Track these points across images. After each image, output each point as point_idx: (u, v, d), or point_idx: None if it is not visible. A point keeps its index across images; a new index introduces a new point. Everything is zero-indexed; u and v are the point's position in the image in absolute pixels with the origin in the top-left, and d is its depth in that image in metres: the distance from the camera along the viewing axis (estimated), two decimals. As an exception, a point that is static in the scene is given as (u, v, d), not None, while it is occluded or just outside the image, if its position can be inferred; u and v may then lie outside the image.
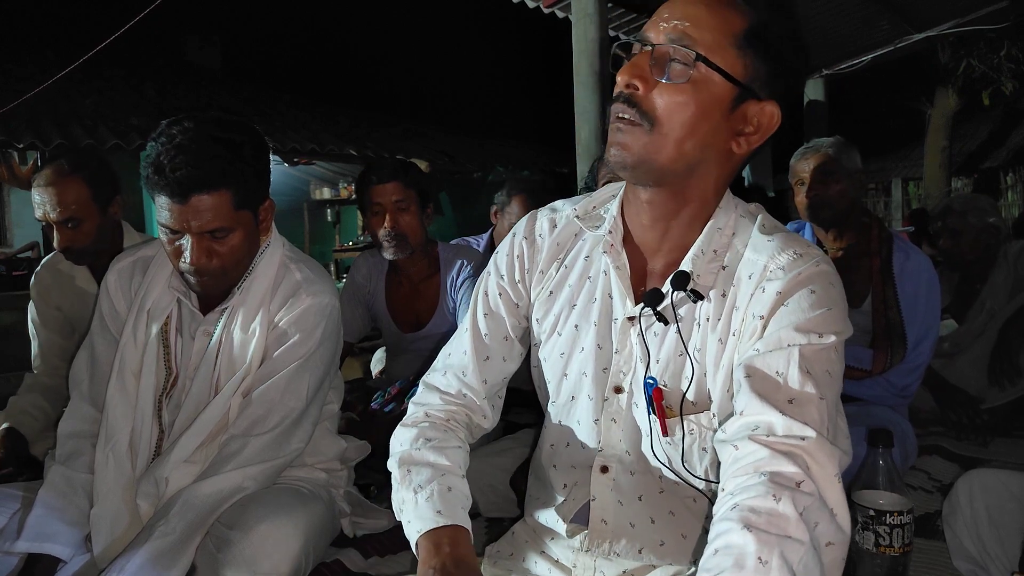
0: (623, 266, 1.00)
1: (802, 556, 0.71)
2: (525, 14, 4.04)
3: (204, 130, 1.26)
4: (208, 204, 1.26)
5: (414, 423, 1.08)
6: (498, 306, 1.11)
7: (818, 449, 0.78)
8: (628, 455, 1.02)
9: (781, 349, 0.85)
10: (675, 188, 0.95)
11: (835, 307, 0.89)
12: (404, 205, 2.20)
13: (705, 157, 0.92)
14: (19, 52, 8.53)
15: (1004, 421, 2.31)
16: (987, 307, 2.56)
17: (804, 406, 0.81)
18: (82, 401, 1.43)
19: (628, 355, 1.00)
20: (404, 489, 0.99)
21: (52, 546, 1.24)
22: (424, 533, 0.93)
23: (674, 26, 0.88)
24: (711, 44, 0.87)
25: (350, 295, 2.41)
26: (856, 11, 4.20)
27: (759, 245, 0.95)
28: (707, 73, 0.87)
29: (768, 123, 0.92)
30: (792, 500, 0.74)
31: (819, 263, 0.91)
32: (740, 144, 0.93)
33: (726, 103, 0.89)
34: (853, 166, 2.06)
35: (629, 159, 0.90)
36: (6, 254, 7.26)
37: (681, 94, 0.87)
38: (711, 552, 0.74)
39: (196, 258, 1.29)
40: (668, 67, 0.88)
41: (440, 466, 1.00)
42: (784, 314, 0.88)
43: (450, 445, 1.04)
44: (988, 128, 12.28)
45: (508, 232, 1.14)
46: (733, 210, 0.99)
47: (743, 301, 0.93)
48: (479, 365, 1.09)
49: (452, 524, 0.94)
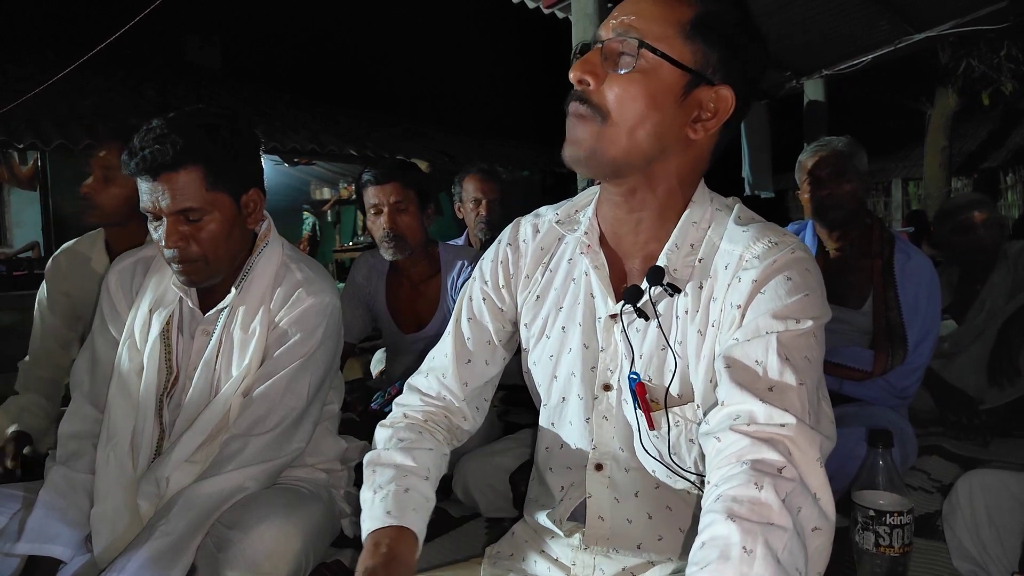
0: (602, 265, 1.02)
1: (786, 542, 0.71)
2: (525, 14, 4.04)
3: (181, 116, 1.30)
4: (177, 181, 1.27)
5: (391, 423, 1.10)
6: (482, 312, 1.13)
7: (799, 435, 0.79)
8: (622, 452, 1.02)
9: (759, 337, 0.86)
10: (638, 179, 0.96)
11: (812, 292, 0.90)
12: (403, 206, 2.20)
13: (662, 145, 0.93)
14: (19, 52, 8.53)
15: (1004, 421, 2.31)
16: (987, 307, 2.56)
17: (784, 393, 0.82)
18: (83, 401, 1.42)
19: (613, 352, 1.01)
20: (366, 489, 1.01)
21: (53, 547, 1.24)
22: (369, 533, 0.94)
23: (621, 21, 0.91)
24: (658, 34, 0.89)
25: (350, 295, 2.41)
26: (856, 11, 4.20)
27: (735, 236, 0.96)
28: (654, 61, 0.89)
29: (723, 107, 0.93)
30: (774, 487, 0.74)
31: (794, 250, 0.92)
32: (697, 130, 0.94)
33: (677, 90, 0.90)
34: (863, 167, 2.07)
35: (582, 153, 0.92)
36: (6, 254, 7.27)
37: (630, 84, 0.89)
38: (698, 545, 0.74)
39: (170, 240, 1.29)
40: (618, 60, 0.90)
41: (404, 467, 1.01)
42: (761, 302, 0.89)
43: (421, 447, 1.05)
44: (988, 128, 12.29)
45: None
46: (708, 203, 1.00)
47: (720, 292, 0.94)
48: (460, 368, 1.11)
49: (396, 525, 0.94)
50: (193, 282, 1.36)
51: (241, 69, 11.81)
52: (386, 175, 2.20)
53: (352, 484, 1.65)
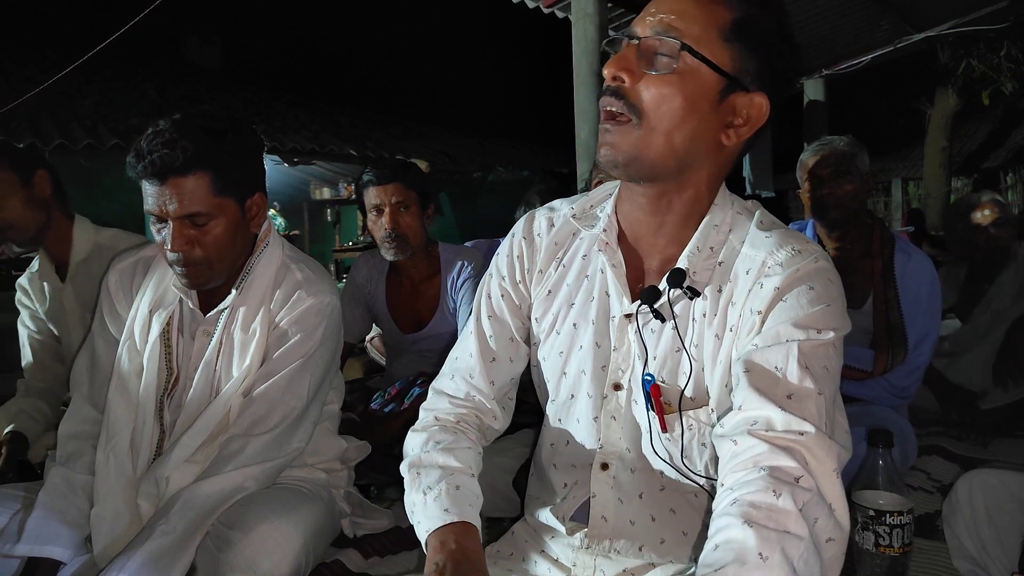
0: (619, 264, 1.01)
1: (802, 552, 0.72)
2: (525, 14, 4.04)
3: (188, 119, 1.30)
4: (185, 186, 1.27)
5: (424, 428, 1.08)
6: (501, 308, 1.12)
7: (817, 444, 0.79)
8: (628, 452, 1.02)
9: (780, 344, 0.86)
10: (668, 183, 0.95)
11: (833, 303, 0.90)
12: (404, 206, 2.20)
13: (695, 150, 0.92)
14: (19, 52, 8.53)
15: (1004, 421, 2.31)
16: (993, 307, 2.56)
17: (803, 401, 0.82)
18: (83, 402, 1.42)
19: (626, 352, 1.01)
20: (414, 492, 0.99)
21: (52, 548, 1.24)
22: (432, 532, 0.94)
23: (660, 19, 0.89)
24: (697, 36, 0.88)
25: (350, 296, 2.41)
26: (856, 11, 4.20)
27: (757, 241, 0.95)
28: (693, 64, 0.88)
29: (757, 115, 0.92)
30: (792, 495, 0.74)
31: (817, 259, 0.92)
32: (730, 136, 0.93)
33: (714, 94, 0.89)
34: (864, 167, 2.06)
35: (620, 157, 0.91)
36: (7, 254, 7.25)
37: (668, 85, 0.88)
38: (711, 547, 0.74)
39: (176, 244, 1.29)
40: (655, 59, 0.88)
41: (448, 467, 1.01)
42: (782, 310, 0.89)
43: (460, 446, 1.04)
44: (988, 128, 12.30)
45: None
46: (729, 207, 1.00)
47: (740, 297, 0.93)
48: (486, 367, 1.10)
49: (459, 521, 0.94)
50: (195, 285, 1.36)
51: (241, 69, 11.81)
52: (388, 175, 2.19)
53: (352, 484, 1.65)
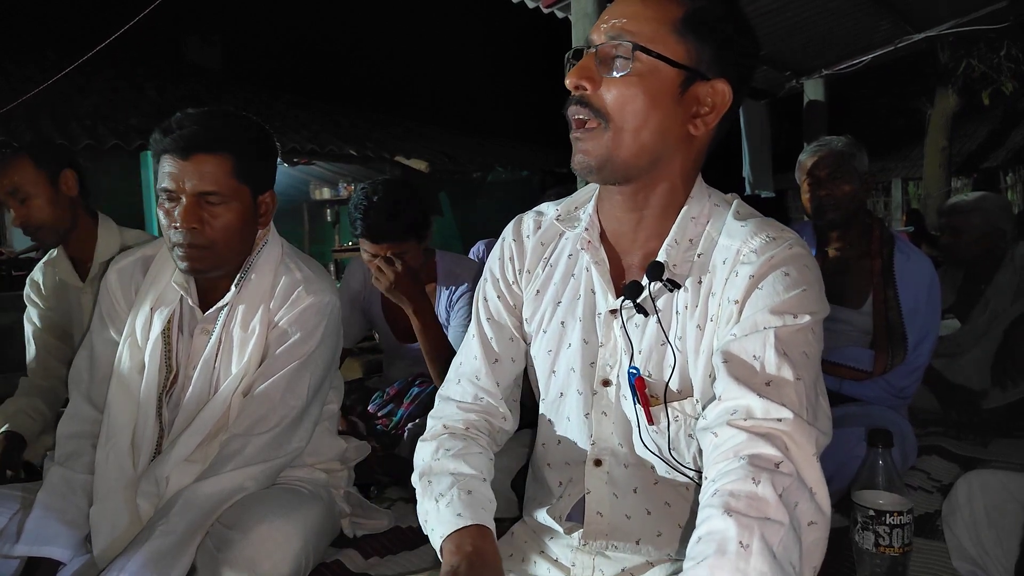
0: (602, 261, 1.03)
1: (782, 537, 0.72)
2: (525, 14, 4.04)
3: (217, 110, 1.36)
4: (208, 164, 1.30)
5: (433, 436, 1.09)
6: (499, 310, 1.13)
7: (796, 430, 0.79)
8: (621, 447, 1.03)
9: (757, 332, 0.86)
10: (642, 179, 0.97)
11: (810, 288, 0.90)
12: (401, 256, 1.99)
13: (665, 143, 0.94)
14: (19, 52, 8.53)
15: (1004, 421, 2.31)
16: (991, 307, 2.55)
17: (781, 388, 0.82)
18: (82, 401, 1.42)
19: (613, 348, 1.02)
20: (427, 500, 1.00)
21: (52, 548, 1.24)
22: (446, 537, 0.94)
23: (612, 24, 0.92)
24: (650, 35, 0.90)
25: (346, 300, 2.37)
26: (856, 11, 4.19)
27: (733, 230, 0.96)
28: (650, 62, 0.90)
29: (721, 101, 0.94)
30: (771, 482, 0.75)
31: (792, 245, 0.93)
32: (697, 126, 0.95)
33: (674, 88, 0.92)
34: (863, 167, 2.06)
35: (594, 162, 0.94)
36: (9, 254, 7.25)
37: (629, 86, 0.91)
38: (695, 540, 0.74)
39: (187, 220, 1.29)
40: (612, 63, 0.91)
41: (460, 473, 1.01)
42: (758, 297, 0.90)
43: (470, 452, 1.05)
44: (988, 128, 12.30)
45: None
46: (706, 198, 1.01)
47: (719, 287, 0.94)
48: (491, 368, 1.11)
49: (473, 524, 0.94)
50: (194, 269, 1.35)
51: (241, 69, 11.80)
52: (380, 235, 1.99)
53: (352, 484, 1.65)
